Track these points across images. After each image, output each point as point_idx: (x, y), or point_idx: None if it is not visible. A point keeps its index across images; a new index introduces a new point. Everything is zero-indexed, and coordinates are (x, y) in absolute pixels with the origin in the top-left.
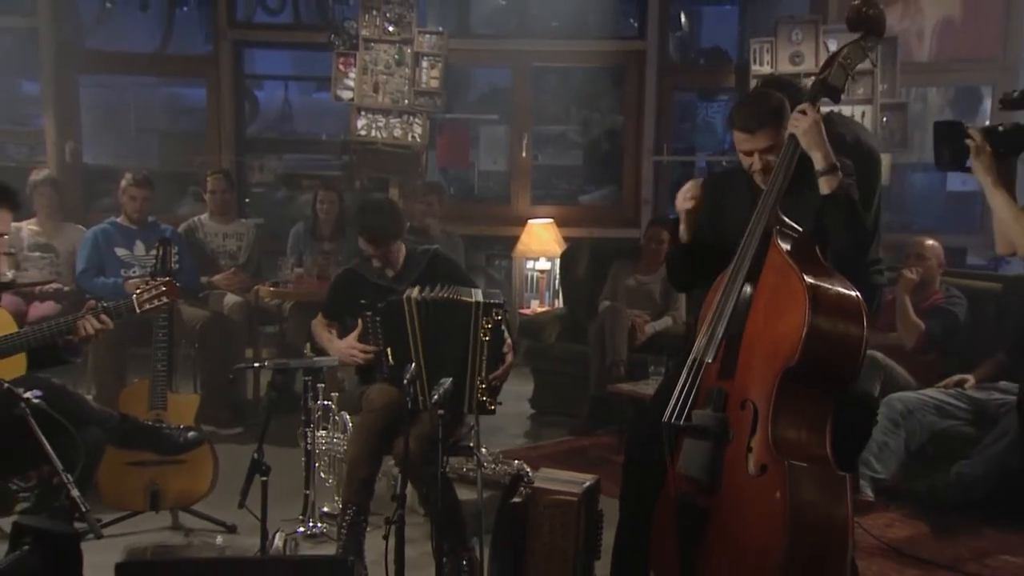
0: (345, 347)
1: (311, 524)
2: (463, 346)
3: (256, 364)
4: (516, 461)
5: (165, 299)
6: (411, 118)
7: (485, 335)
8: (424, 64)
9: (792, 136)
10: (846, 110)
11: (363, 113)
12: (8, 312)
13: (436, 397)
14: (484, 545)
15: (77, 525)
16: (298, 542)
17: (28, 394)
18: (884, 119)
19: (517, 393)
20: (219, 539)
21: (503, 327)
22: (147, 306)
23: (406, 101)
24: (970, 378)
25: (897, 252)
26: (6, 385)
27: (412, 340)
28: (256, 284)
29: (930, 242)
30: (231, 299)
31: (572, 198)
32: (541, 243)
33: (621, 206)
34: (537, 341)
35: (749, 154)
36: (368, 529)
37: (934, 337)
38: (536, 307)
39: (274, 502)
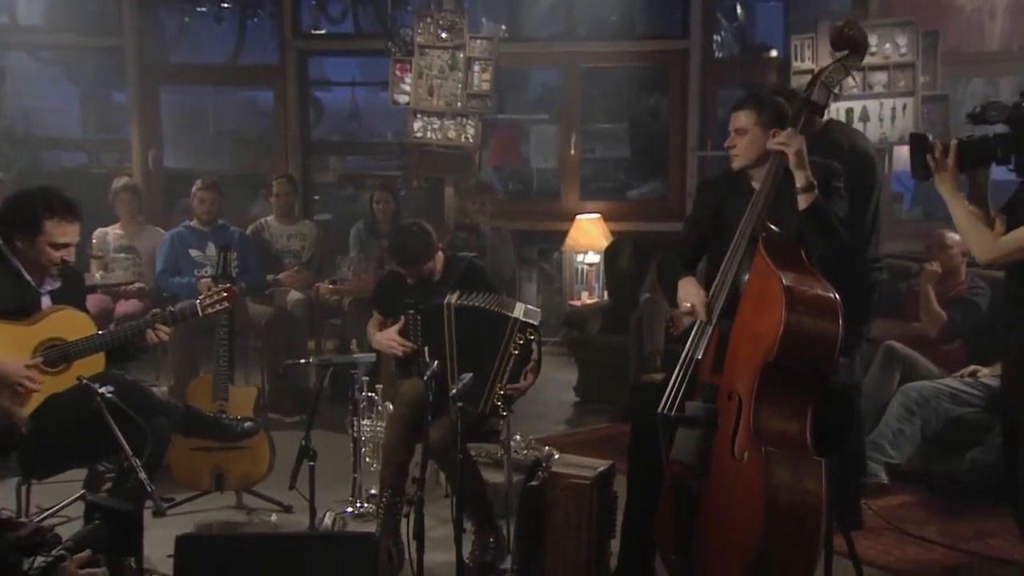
0: (385, 339)
1: (358, 504)
2: (492, 352)
3: (303, 360)
4: (546, 447)
5: (226, 303)
6: (464, 120)
7: (515, 349)
8: (476, 68)
9: (777, 158)
10: (887, 103)
11: (419, 116)
12: (91, 313)
13: (455, 391)
14: (511, 524)
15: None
16: (346, 521)
17: (103, 389)
18: (925, 111)
19: (562, 381)
20: (273, 517)
21: (532, 347)
22: (209, 310)
23: (459, 104)
24: (983, 368)
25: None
26: (84, 381)
27: (447, 341)
28: (318, 282)
29: (953, 232)
30: (294, 296)
31: (620, 193)
32: (589, 237)
33: (667, 200)
34: (581, 332)
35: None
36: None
37: (957, 327)
38: (586, 298)
39: (326, 484)
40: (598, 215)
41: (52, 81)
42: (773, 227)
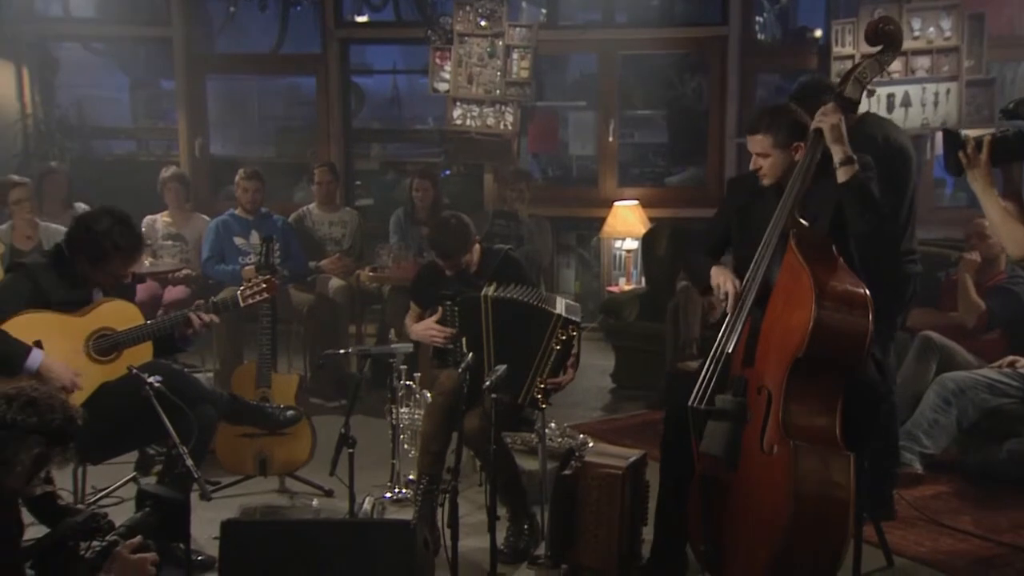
0: (423, 329)
1: (397, 490)
2: (533, 346)
3: (341, 351)
4: (580, 436)
5: (266, 294)
6: (503, 107)
7: (557, 344)
8: (514, 56)
9: (816, 137)
10: (930, 87)
11: (458, 103)
12: (140, 299)
13: (489, 383)
14: (545, 512)
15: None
16: (385, 506)
17: (151, 379)
18: (970, 95)
19: (599, 367)
20: (315, 502)
21: (573, 343)
22: (250, 300)
23: (498, 91)
24: (1022, 358)
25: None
26: (134, 371)
27: (485, 332)
28: (358, 269)
29: None
30: (335, 283)
31: (658, 180)
32: (626, 224)
33: (705, 187)
34: (618, 319)
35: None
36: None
37: (996, 316)
38: (623, 285)
39: (366, 469)
40: (636, 202)
41: (104, 71)
42: (804, 222)
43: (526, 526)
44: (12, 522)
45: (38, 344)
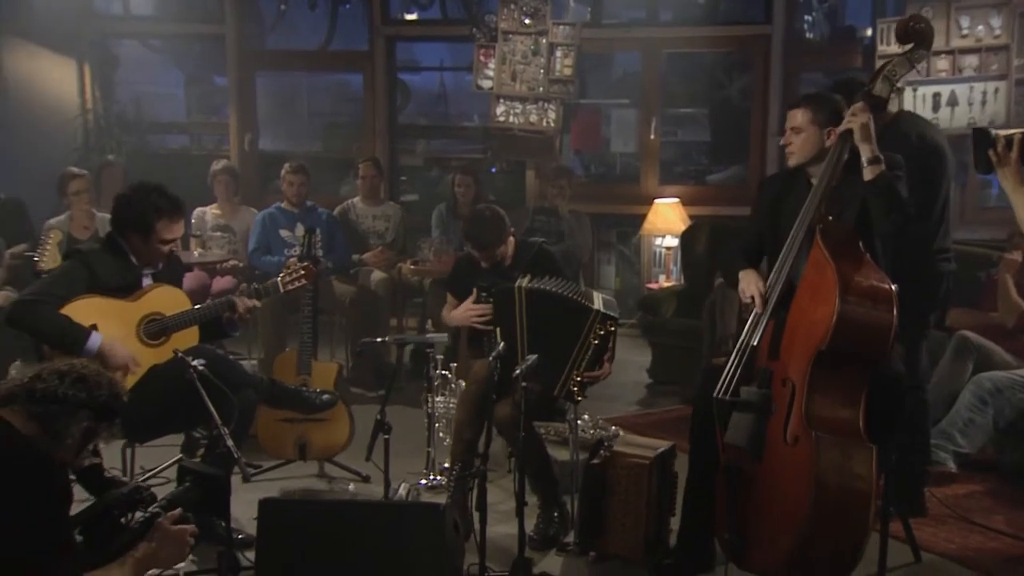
0: (461, 312)
1: (431, 477)
2: (570, 339)
3: (379, 339)
4: (612, 427)
5: (305, 281)
6: (546, 104)
7: (595, 339)
8: (558, 53)
9: (843, 136)
10: (978, 86)
11: (502, 100)
12: (189, 288)
13: (519, 371)
14: (575, 500)
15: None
16: (419, 492)
17: (195, 362)
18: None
19: (636, 363)
20: (351, 486)
21: (611, 338)
22: (290, 287)
23: (541, 89)
24: None
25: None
26: (180, 354)
27: (518, 323)
28: (400, 262)
29: None
30: (377, 275)
31: (700, 178)
32: (667, 222)
33: (746, 186)
34: (655, 315)
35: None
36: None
37: None
38: (663, 282)
39: (403, 456)
40: (676, 199)
41: (160, 67)
42: (831, 218)
43: (556, 514)
44: (64, 490)
45: (94, 328)
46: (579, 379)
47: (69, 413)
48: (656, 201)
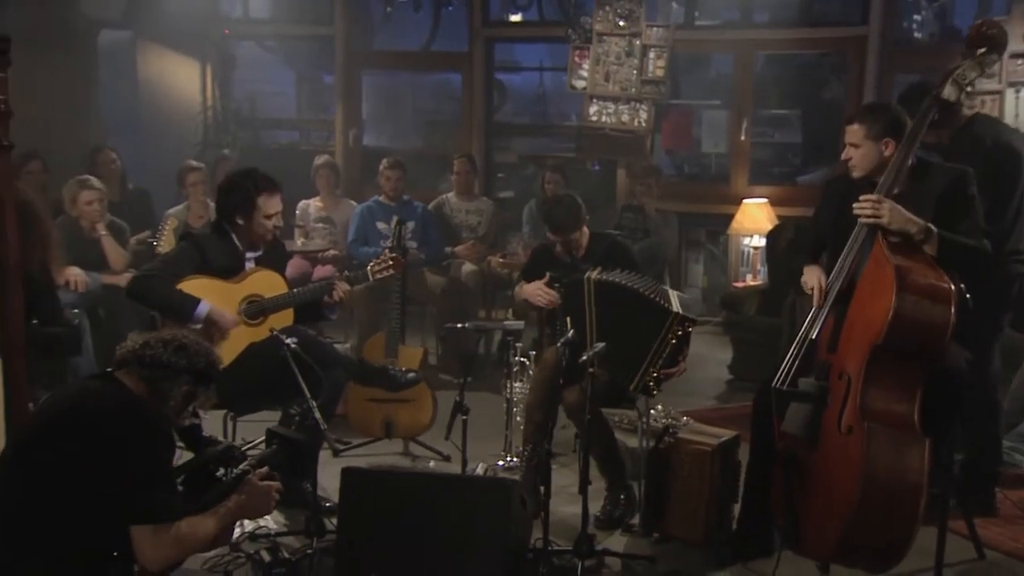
0: (531, 288)
1: (508, 459)
2: (648, 337)
3: (459, 325)
4: (684, 417)
5: (392, 270)
6: (638, 105)
7: (673, 339)
8: (651, 55)
9: (902, 151)
10: None
11: (595, 100)
12: (291, 276)
13: (585, 357)
14: (643, 484)
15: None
16: (496, 472)
17: (289, 340)
18: None
19: (717, 359)
20: (432, 464)
21: (688, 339)
22: (378, 276)
23: (633, 89)
24: None
25: None
26: (275, 333)
27: (588, 313)
28: (490, 255)
29: None
30: (468, 267)
31: (790, 178)
32: (754, 222)
33: None
34: (737, 313)
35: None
36: (555, 467)
37: None
38: (749, 281)
39: (484, 439)
40: (765, 200)
41: (274, 67)
42: None
43: (623, 496)
44: (168, 441)
45: None
46: (655, 375)
47: (171, 377)
48: (744, 201)
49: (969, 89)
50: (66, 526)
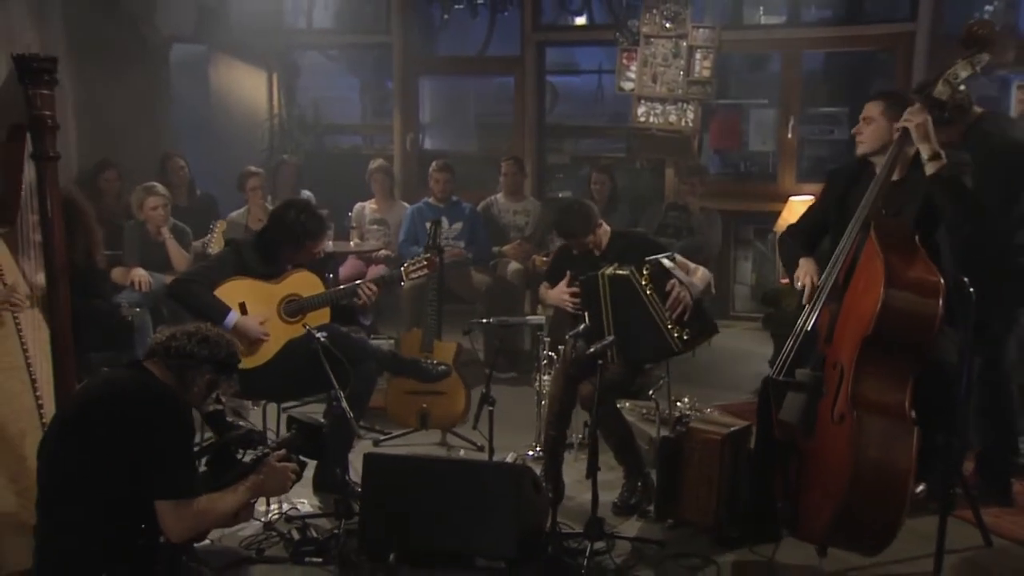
0: (556, 294)
1: (537, 449)
2: (644, 307)
3: (484, 320)
4: (708, 409)
5: (426, 271)
6: (685, 105)
7: (648, 289)
8: (697, 56)
9: (900, 135)
10: None
11: (643, 101)
12: (345, 275)
13: (593, 349)
14: None
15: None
16: (525, 461)
17: (319, 335)
18: None
19: (759, 354)
20: (462, 452)
21: (662, 276)
22: (412, 277)
23: (680, 90)
24: None
25: None
26: (308, 328)
27: (604, 307)
28: (536, 254)
29: None
30: (514, 266)
31: None
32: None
33: None
34: (777, 308)
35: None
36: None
37: None
38: None
39: (516, 431)
40: (812, 197)
41: (337, 74)
42: (884, 212)
43: (640, 484)
44: (189, 425)
45: (243, 305)
46: (670, 325)
47: (195, 366)
48: (791, 198)
49: (962, 87)
50: (98, 500)
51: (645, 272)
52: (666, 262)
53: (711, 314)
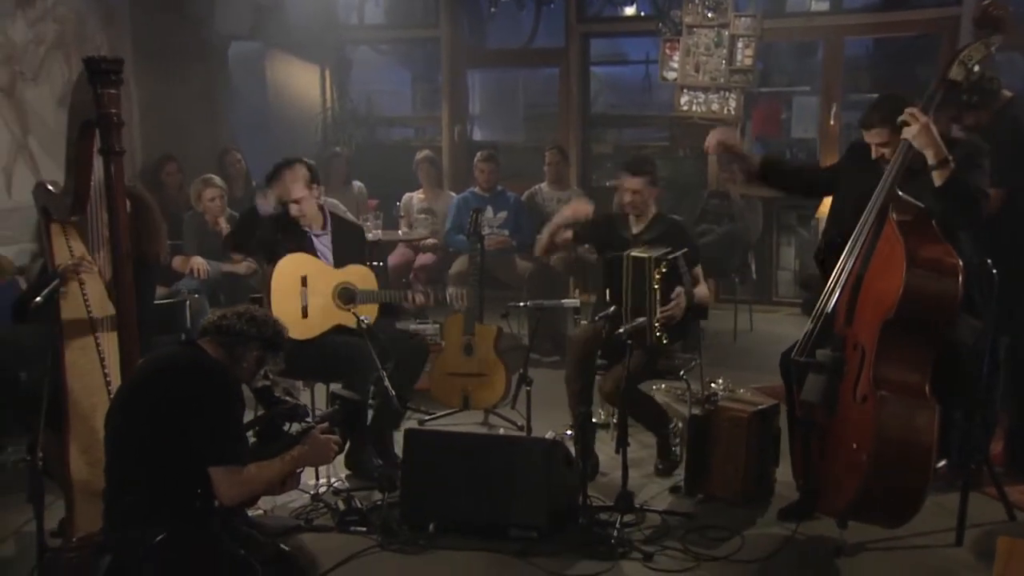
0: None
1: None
2: (647, 292)
3: (521, 304)
4: (742, 389)
5: (466, 302)
6: (727, 94)
7: (655, 283)
8: (739, 44)
9: (905, 145)
10: None
11: (685, 91)
12: (395, 263)
13: (622, 330)
14: None
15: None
16: (564, 439)
17: (362, 317)
18: None
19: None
20: (501, 430)
21: (675, 277)
22: (456, 305)
23: (722, 79)
24: None
25: None
26: (354, 313)
27: (624, 288)
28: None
29: None
30: (557, 253)
31: None
32: None
33: None
34: (815, 293)
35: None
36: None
37: None
38: None
39: (558, 411)
40: None
41: (388, 68)
42: (902, 195)
43: (675, 448)
44: (239, 399)
45: (304, 278)
46: (657, 324)
47: (244, 343)
48: None
49: (976, 69)
50: (158, 468)
51: (663, 269)
52: (682, 265)
53: (696, 336)
